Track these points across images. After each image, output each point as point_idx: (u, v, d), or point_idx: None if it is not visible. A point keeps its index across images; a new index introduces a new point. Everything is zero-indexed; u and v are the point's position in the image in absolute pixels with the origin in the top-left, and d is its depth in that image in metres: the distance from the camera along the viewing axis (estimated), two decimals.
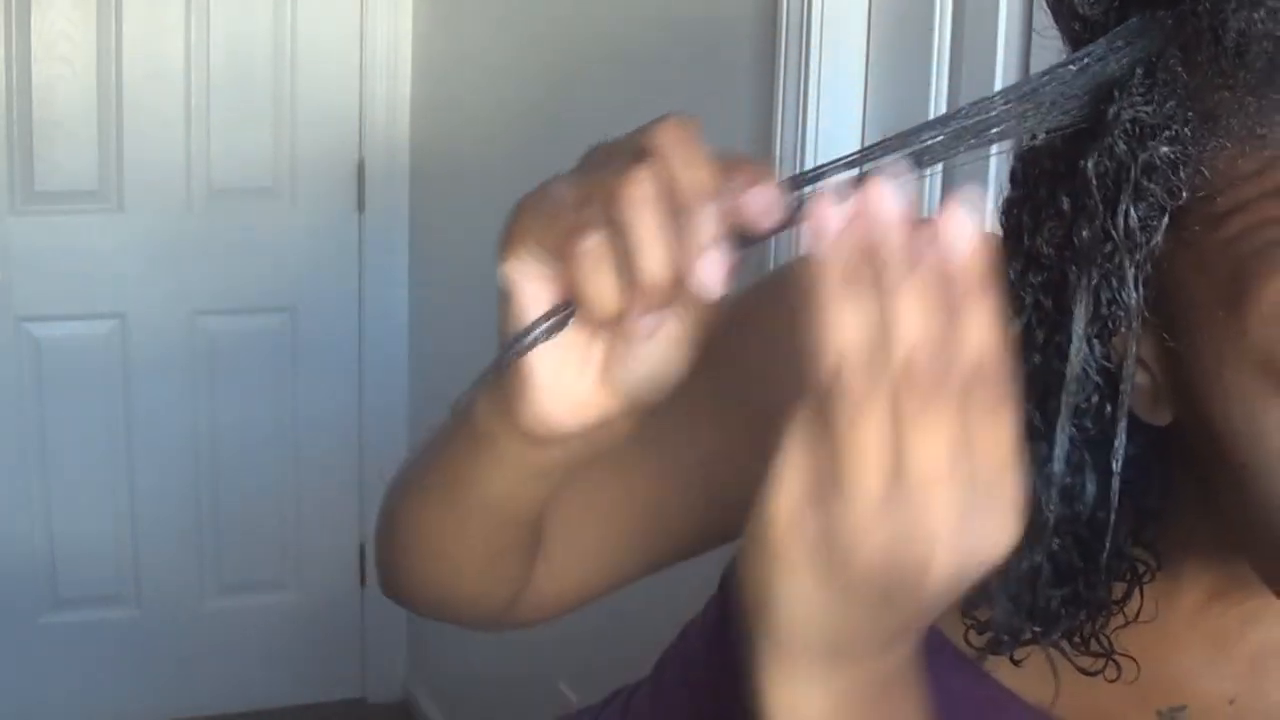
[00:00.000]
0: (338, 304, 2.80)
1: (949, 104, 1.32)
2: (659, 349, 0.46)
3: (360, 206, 2.79)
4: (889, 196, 0.40)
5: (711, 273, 0.42)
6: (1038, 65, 0.52)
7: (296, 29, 2.68)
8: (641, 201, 0.42)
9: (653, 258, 0.42)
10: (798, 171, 0.46)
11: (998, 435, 0.42)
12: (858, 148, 0.47)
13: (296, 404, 2.79)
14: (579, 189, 0.45)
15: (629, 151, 0.44)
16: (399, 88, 2.75)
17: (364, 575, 2.91)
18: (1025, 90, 0.46)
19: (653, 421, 0.65)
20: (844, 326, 0.40)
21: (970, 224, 0.40)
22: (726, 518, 0.69)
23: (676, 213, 0.42)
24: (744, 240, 0.43)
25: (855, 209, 0.41)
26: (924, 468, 0.41)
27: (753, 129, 1.59)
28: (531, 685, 2.17)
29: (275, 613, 2.87)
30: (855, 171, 0.45)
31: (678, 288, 0.43)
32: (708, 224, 0.42)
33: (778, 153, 1.51)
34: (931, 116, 1.31)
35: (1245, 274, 0.45)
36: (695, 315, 0.46)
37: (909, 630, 0.47)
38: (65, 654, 2.73)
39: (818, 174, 0.45)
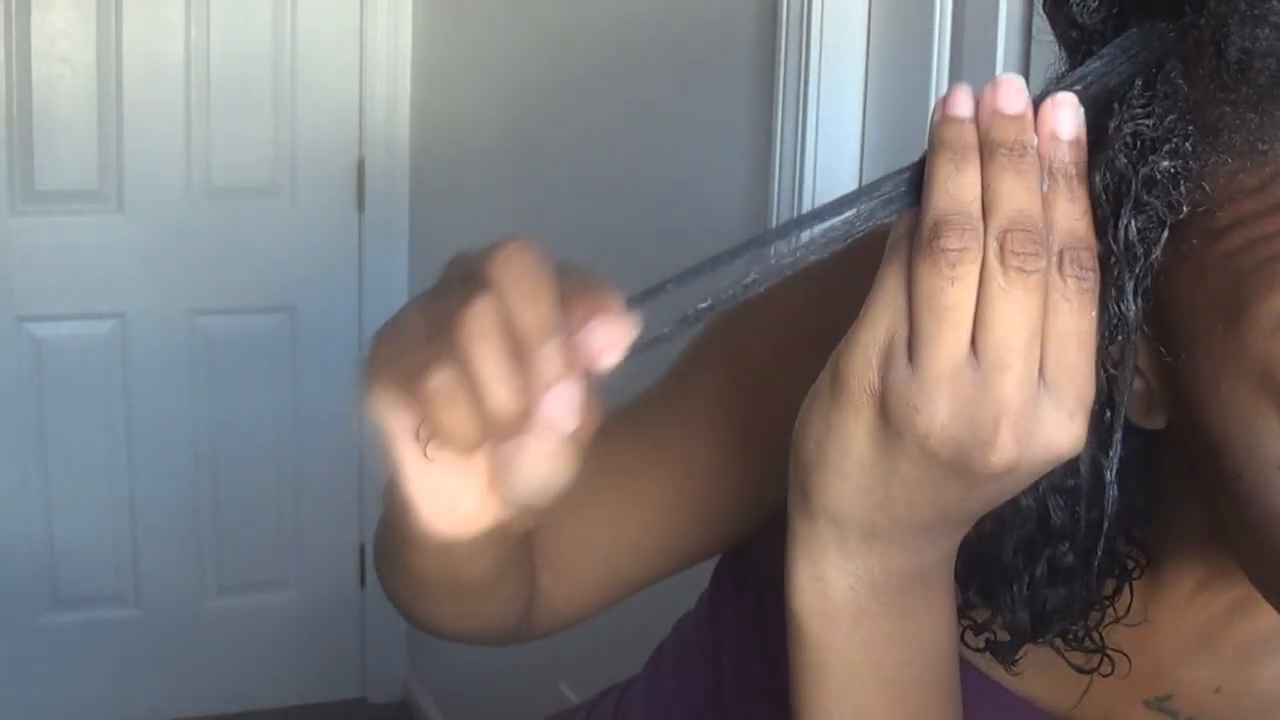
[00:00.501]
0: (338, 304, 2.80)
1: None
2: (541, 460, 0.46)
3: (360, 206, 2.79)
4: (1013, 95, 0.43)
5: (559, 408, 0.43)
6: (1037, 66, 0.52)
7: (296, 29, 2.68)
8: (480, 337, 0.42)
9: (497, 394, 0.42)
10: (643, 290, 0.45)
11: (1078, 327, 0.43)
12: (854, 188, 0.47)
13: (296, 404, 2.79)
14: (426, 319, 0.45)
15: (476, 277, 0.44)
16: (399, 88, 2.75)
17: (364, 575, 2.91)
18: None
19: (656, 431, 0.65)
20: (948, 188, 0.43)
21: (1072, 115, 0.43)
22: (732, 525, 0.69)
23: (518, 348, 0.42)
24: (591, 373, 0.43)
25: (981, 99, 0.44)
26: (1001, 342, 0.42)
27: (753, 129, 1.59)
28: (531, 685, 2.17)
29: (275, 613, 2.87)
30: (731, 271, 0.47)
31: (530, 418, 0.43)
32: (550, 361, 0.42)
33: (778, 153, 1.51)
34: (930, 117, 1.30)
35: (1245, 288, 0.45)
36: (567, 433, 0.45)
37: (947, 525, 0.48)
38: (65, 654, 2.73)
39: (665, 288, 0.45)
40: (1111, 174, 0.47)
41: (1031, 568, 0.55)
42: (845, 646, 0.50)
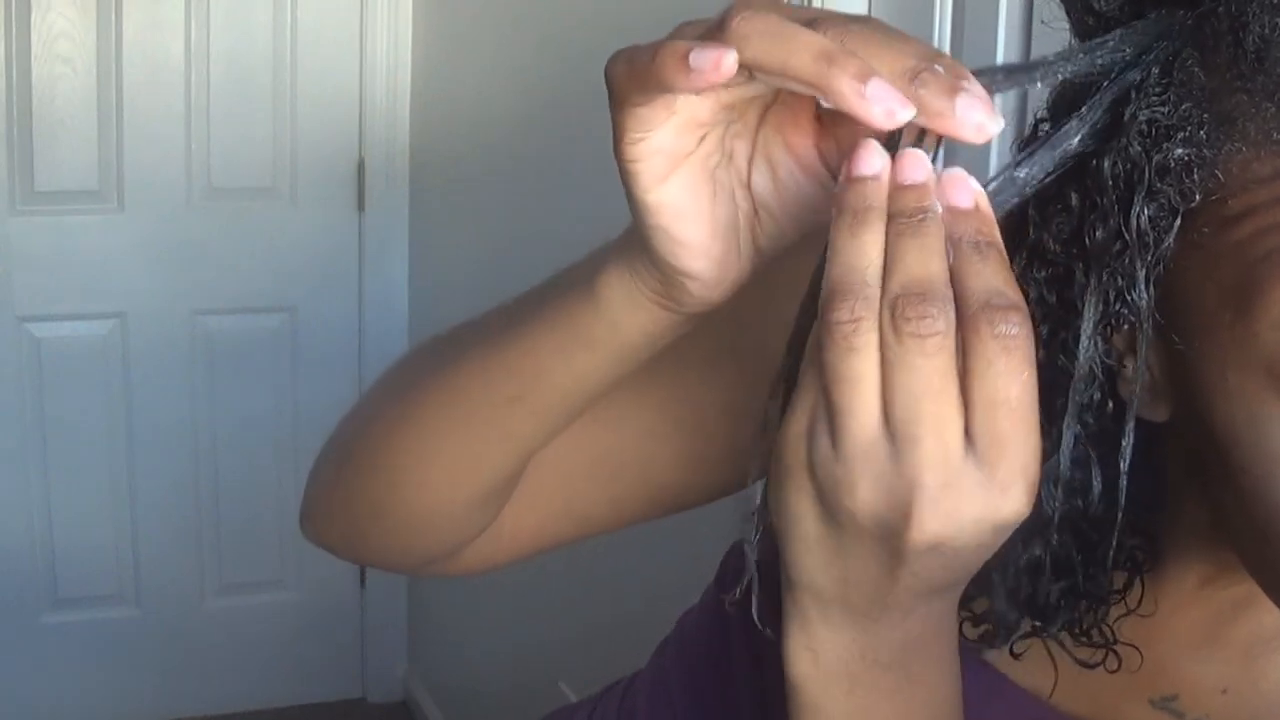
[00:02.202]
0: (338, 304, 2.80)
1: None
2: (801, 207, 0.47)
3: (360, 206, 2.79)
4: (913, 167, 0.42)
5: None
6: None
7: (296, 29, 2.68)
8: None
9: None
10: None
11: (1008, 392, 0.40)
12: None
13: (296, 404, 2.79)
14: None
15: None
16: (399, 88, 2.75)
17: (364, 575, 2.91)
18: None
19: (663, 363, 0.65)
20: (843, 257, 0.41)
21: (968, 187, 0.42)
22: (707, 473, 0.67)
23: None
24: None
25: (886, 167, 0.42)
26: (906, 414, 0.40)
27: None
28: (531, 685, 2.17)
29: (275, 613, 2.87)
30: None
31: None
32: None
33: None
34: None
35: (1255, 278, 0.45)
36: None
37: (924, 602, 0.46)
38: (65, 654, 2.73)
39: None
40: (1124, 161, 0.47)
41: (1016, 559, 0.54)
42: (843, 713, 0.49)
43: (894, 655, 0.48)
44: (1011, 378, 0.40)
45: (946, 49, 1.33)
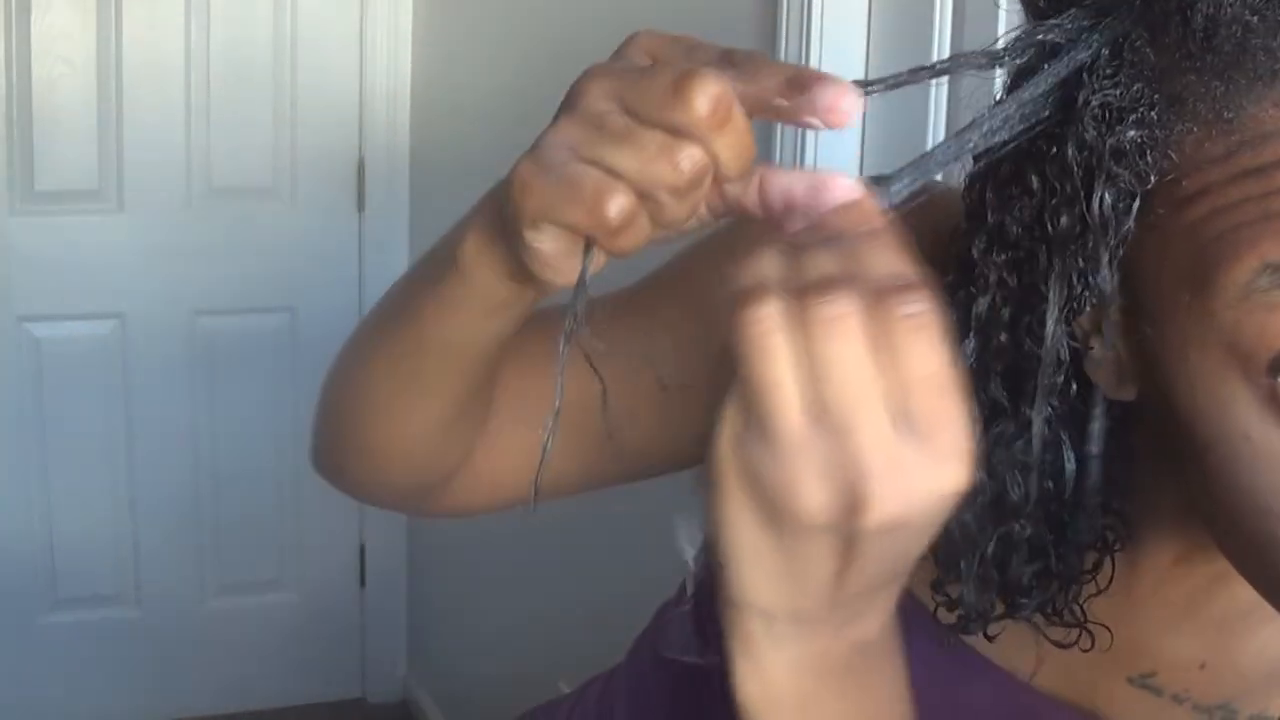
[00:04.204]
0: (338, 304, 2.80)
1: (949, 104, 1.32)
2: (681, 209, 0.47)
3: (360, 206, 2.79)
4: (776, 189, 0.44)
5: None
6: None
7: (296, 29, 2.68)
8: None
9: (674, 210, 0.44)
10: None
11: (927, 369, 0.40)
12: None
13: (296, 404, 2.78)
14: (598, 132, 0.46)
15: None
16: (399, 87, 2.75)
17: (364, 575, 2.91)
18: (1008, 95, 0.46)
19: (629, 326, 0.65)
20: (745, 276, 0.41)
21: (844, 184, 0.43)
22: (671, 441, 0.68)
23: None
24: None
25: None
26: (836, 403, 0.39)
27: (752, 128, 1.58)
28: (531, 685, 2.17)
29: (275, 613, 2.87)
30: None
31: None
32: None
33: (778, 151, 1.51)
34: (931, 116, 1.31)
35: (1210, 257, 0.45)
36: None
37: (871, 595, 0.45)
38: (65, 654, 2.73)
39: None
40: (1081, 147, 0.47)
41: (985, 544, 0.54)
42: None
43: (844, 665, 0.46)
44: (928, 354, 0.40)
45: (947, 49, 1.33)
